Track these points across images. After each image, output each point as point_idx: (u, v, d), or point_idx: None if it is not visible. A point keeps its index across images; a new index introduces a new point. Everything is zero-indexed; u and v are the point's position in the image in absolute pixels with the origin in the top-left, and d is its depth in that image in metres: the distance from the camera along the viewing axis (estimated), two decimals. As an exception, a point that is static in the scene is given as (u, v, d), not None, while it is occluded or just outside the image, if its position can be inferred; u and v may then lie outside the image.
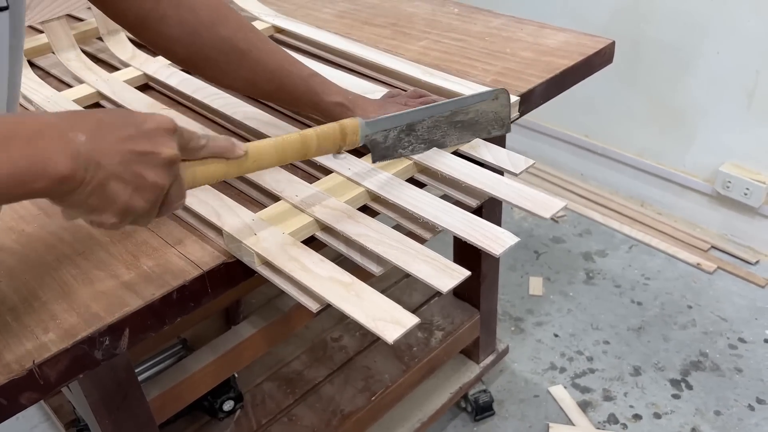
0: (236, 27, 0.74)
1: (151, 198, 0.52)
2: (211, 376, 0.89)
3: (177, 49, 0.73)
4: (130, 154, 0.50)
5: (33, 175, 0.45)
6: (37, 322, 0.60)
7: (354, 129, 0.70)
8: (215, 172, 0.59)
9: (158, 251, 0.68)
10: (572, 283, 1.72)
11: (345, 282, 0.62)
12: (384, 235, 0.67)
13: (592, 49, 1.02)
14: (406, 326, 0.58)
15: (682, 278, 1.72)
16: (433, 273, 0.62)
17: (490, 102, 0.79)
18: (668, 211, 1.93)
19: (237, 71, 0.75)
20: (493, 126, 0.81)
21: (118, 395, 0.76)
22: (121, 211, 0.51)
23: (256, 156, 0.61)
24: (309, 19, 1.19)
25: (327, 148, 0.68)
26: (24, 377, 0.56)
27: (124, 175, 0.50)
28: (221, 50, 0.73)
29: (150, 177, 0.51)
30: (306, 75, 0.78)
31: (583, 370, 1.49)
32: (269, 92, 0.79)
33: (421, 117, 0.76)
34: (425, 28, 1.13)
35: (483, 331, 1.33)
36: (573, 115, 2.02)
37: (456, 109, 0.77)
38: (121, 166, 0.49)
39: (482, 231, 0.67)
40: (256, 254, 0.65)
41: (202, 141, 0.57)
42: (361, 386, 1.18)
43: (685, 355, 1.51)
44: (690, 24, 1.66)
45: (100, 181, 0.49)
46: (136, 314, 0.61)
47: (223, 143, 0.59)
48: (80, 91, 0.97)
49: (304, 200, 0.71)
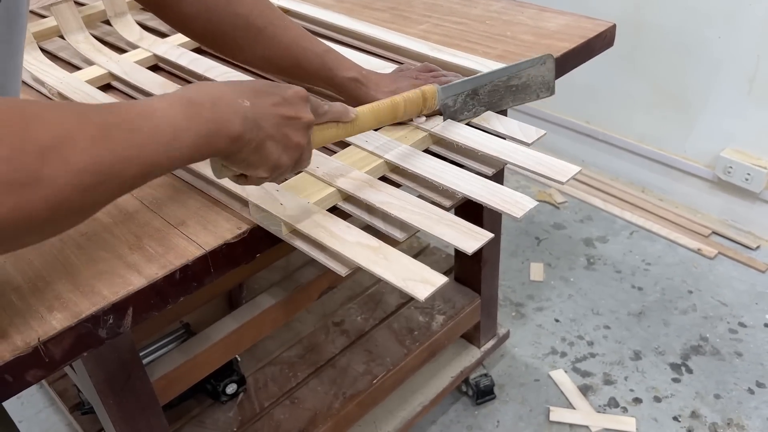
0: (252, 4, 0.76)
1: (295, 156, 0.59)
2: (214, 358, 0.90)
3: (194, 26, 0.76)
4: (280, 118, 0.57)
5: (215, 136, 0.52)
6: (41, 302, 0.61)
7: (432, 94, 0.77)
8: (331, 134, 0.66)
9: (161, 232, 0.69)
10: (573, 268, 1.73)
11: (373, 246, 0.64)
12: (406, 201, 0.68)
13: (592, 32, 1.02)
14: (436, 285, 0.59)
15: (682, 263, 1.72)
16: (457, 235, 0.64)
17: (539, 67, 0.85)
18: (669, 197, 1.93)
19: (253, 47, 0.78)
20: (540, 89, 0.87)
21: (122, 376, 0.77)
22: (272, 167, 0.58)
23: (360, 120, 0.68)
24: (310, 2, 1.18)
25: (412, 111, 0.76)
26: (29, 354, 0.56)
27: (277, 135, 0.56)
28: (237, 26, 0.76)
29: (295, 138, 0.58)
30: (321, 51, 0.80)
31: (584, 355, 1.50)
32: (285, 68, 0.81)
33: (483, 82, 0.82)
34: (425, 12, 1.13)
35: (484, 315, 1.34)
36: (574, 101, 2.02)
37: (512, 74, 0.84)
38: (275, 128, 0.56)
39: (501, 196, 0.68)
40: (283, 222, 0.66)
41: (326, 107, 0.64)
42: (363, 369, 1.19)
43: (686, 339, 1.52)
44: (691, 9, 1.65)
45: (260, 140, 0.55)
46: (139, 293, 0.62)
47: (339, 108, 0.65)
48: (92, 72, 0.97)
49: (326, 172, 0.73)
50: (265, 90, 0.57)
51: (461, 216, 0.66)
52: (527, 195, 2.12)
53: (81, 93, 0.91)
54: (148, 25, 1.13)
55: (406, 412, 1.25)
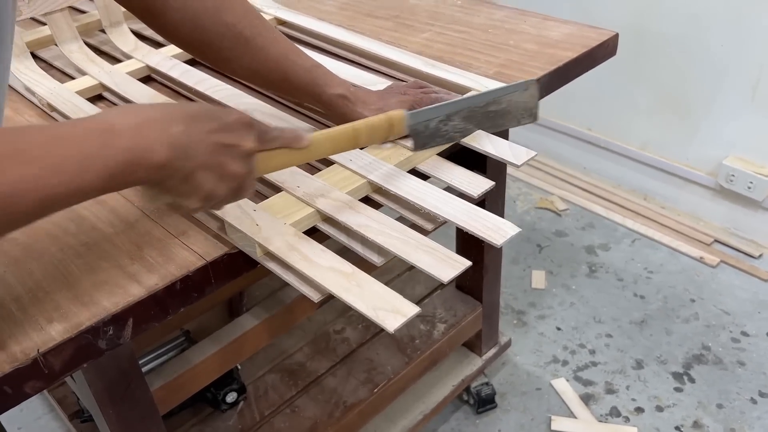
0: (241, 14, 0.74)
1: (232, 186, 0.56)
2: (214, 367, 0.89)
3: (180, 34, 0.74)
4: (216, 146, 0.54)
5: (134, 165, 0.49)
6: (41, 312, 0.61)
7: (400, 120, 0.73)
8: (281, 161, 0.63)
9: (162, 242, 0.68)
10: (575, 276, 1.73)
11: (346, 272, 0.63)
12: (385, 225, 0.67)
13: (595, 41, 1.02)
14: (407, 315, 0.58)
15: (685, 272, 1.72)
16: (434, 263, 0.62)
17: (521, 93, 0.81)
18: (671, 205, 1.93)
19: (241, 58, 0.75)
20: (522, 115, 0.84)
21: (121, 385, 0.77)
22: (205, 197, 0.55)
23: (315, 146, 0.65)
24: (311, 11, 1.18)
25: (375, 138, 0.73)
26: (28, 366, 0.56)
27: (211, 164, 0.54)
28: (225, 36, 0.74)
29: (232, 167, 0.55)
30: (309, 66, 0.78)
31: (586, 363, 1.49)
32: (272, 81, 0.79)
33: (458, 108, 0.78)
34: (428, 20, 1.13)
35: (485, 323, 1.33)
36: (575, 108, 2.02)
37: (490, 100, 0.80)
38: (209, 156, 0.53)
39: (483, 221, 0.67)
40: (257, 244, 0.65)
41: (274, 133, 0.61)
42: (364, 378, 1.19)
43: (688, 348, 1.51)
44: (694, 16, 1.65)
45: (191, 169, 0.53)
46: (139, 304, 0.62)
47: (291, 135, 0.62)
48: (83, 83, 0.97)
49: (306, 191, 0.72)
50: (202, 115, 0.54)
51: None
52: (528, 202, 2.10)
53: (70, 104, 0.90)
54: (145, 34, 1.13)
55: (407, 421, 1.25)
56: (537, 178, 2.09)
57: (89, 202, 0.52)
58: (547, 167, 2.12)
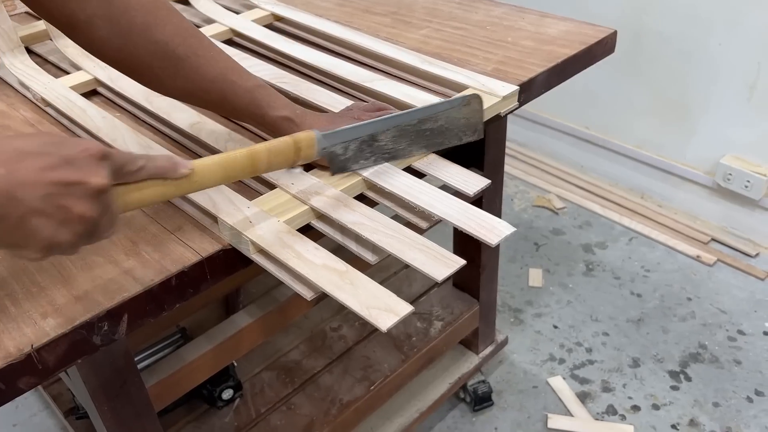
0: (174, 31, 0.68)
1: (79, 230, 0.49)
2: (209, 364, 0.89)
3: (107, 51, 0.68)
4: (54, 186, 0.47)
5: None
6: (35, 308, 0.60)
7: (309, 142, 0.67)
8: (152, 194, 0.56)
9: (157, 238, 0.68)
10: (572, 274, 1.72)
11: (339, 270, 0.62)
12: (379, 223, 0.67)
13: (593, 38, 1.01)
14: (400, 314, 0.58)
15: (681, 270, 1.72)
16: (428, 261, 0.62)
17: (460, 108, 0.76)
18: (668, 203, 1.93)
19: (173, 79, 0.70)
20: (464, 132, 0.78)
21: (116, 382, 0.76)
22: (45, 246, 0.48)
23: (199, 175, 0.59)
24: (309, 7, 1.18)
25: (279, 163, 0.66)
26: (22, 362, 0.56)
27: (47, 208, 0.47)
28: (155, 55, 0.67)
29: (76, 209, 0.48)
30: (251, 86, 0.72)
31: (582, 362, 1.49)
32: (209, 102, 0.73)
33: (384, 127, 0.71)
34: (426, 17, 1.13)
35: (482, 321, 1.33)
36: (573, 106, 2.02)
37: (423, 117, 0.73)
38: (44, 199, 0.46)
39: (478, 220, 0.66)
40: (251, 242, 0.65)
41: (140, 162, 0.54)
42: (360, 376, 1.19)
43: (684, 346, 1.51)
44: (692, 15, 1.65)
45: (19, 216, 0.46)
46: (134, 300, 0.61)
47: (164, 163, 0.56)
48: (78, 78, 0.97)
49: (300, 189, 0.71)
50: (33, 150, 0.47)
51: None
52: (526, 200, 2.09)
53: (64, 99, 0.90)
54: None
55: (403, 419, 1.24)
56: (534, 176, 2.09)
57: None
58: (545, 165, 2.12)
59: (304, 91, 0.89)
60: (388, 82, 0.91)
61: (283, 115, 0.73)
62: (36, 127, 0.88)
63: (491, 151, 1.11)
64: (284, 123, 0.73)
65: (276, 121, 0.73)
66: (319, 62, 0.97)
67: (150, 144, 0.81)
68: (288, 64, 1.01)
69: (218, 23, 1.11)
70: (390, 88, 0.89)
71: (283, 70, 0.97)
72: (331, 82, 0.95)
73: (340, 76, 0.93)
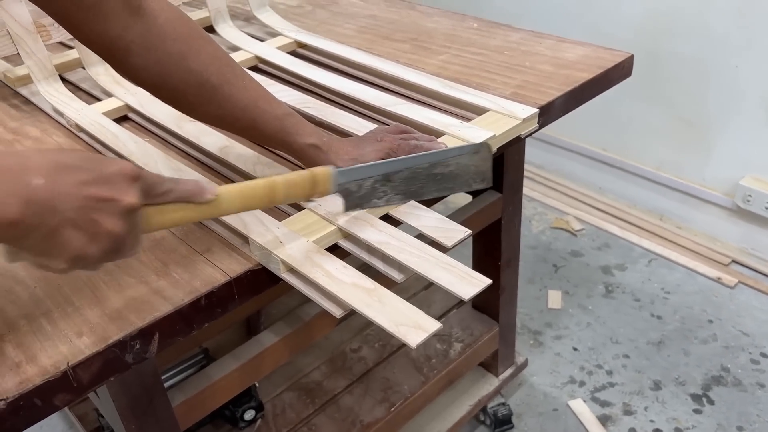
0: (208, 60, 0.70)
1: (106, 246, 0.50)
2: (235, 383, 0.90)
3: (144, 78, 0.70)
4: (88, 200, 0.48)
5: None
6: (70, 326, 0.62)
7: (325, 178, 0.67)
8: (179, 216, 0.58)
9: (187, 258, 0.70)
10: (591, 296, 1.72)
11: (368, 288, 0.64)
12: (405, 243, 0.68)
13: (610, 62, 1.03)
14: (429, 331, 0.59)
15: (702, 292, 1.71)
16: (454, 280, 0.63)
17: (470, 156, 0.76)
18: (688, 225, 1.92)
19: (207, 106, 0.72)
20: (473, 179, 0.78)
21: (144, 400, 0.78)
22: (73, 258, 0.49)
23: (221, 201, 0.60)
24: (331, 35, 1.21)
25: (296, 195, 0.67)
26: (58, 379, 0.57)
27: (80, 221, 0.48)
28: (189, 83, 0.70)
29: (107, 225, 0.49)
30: (280, 114, 0.74)
31: (603, 384, 1.49)
32: (240, 129, 0.75)
33: (397, 168, 0.72)
34: (445, 43, 1.15)
35: (502, 343, 1.33)
36: (590, 128, 2.02)
37: (435, 162, 0.74)
38: (78, 211, 0.48)
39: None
40: (281, 261, 0.67)
41: (168, 185, 0.56)
42: (380, 397, 1.19)
43: (706, 369, 1.50)
44: (708, 37, 1.66)
45: (54, 226, 0.47)
46: (165, 319, 0.63)
47: (191, 187, 0.57)
48: (109, 104, 1.00)
49: (328, 209, 0.73)
50: (73, 165, 0.49)
51: (479, 241, 0.65)
52: (544, 221, 2.09)
53: (97, 125, 0.93)
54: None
55: (423, 441, 1.24)
56: (552, 197, 2.09)
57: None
58: (562, 187, 2.12)
59: (328, 116, 0.92)
60: (410, 106, 0.93)
61: (311, 142, 0.75)
62: (68, 152, 0.91)
63: (510, 172, 1.12)
64: (311, 150, 0.75)
65: (303, 148, 0.75)
66: (342, 87, 0.99)
67: (180, 167, 0.84)
68: (312, 89, 1.04)
69: (244, 50, 1.14)
70: (412, 111, 0.91)
71: (307, 95, 0.99)
72: (354, 106, 0.98)
73: (364, 101, 0.96)
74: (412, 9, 1.32)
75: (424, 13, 1.29)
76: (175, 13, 0.70)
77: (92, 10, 0.64)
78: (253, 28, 1.26)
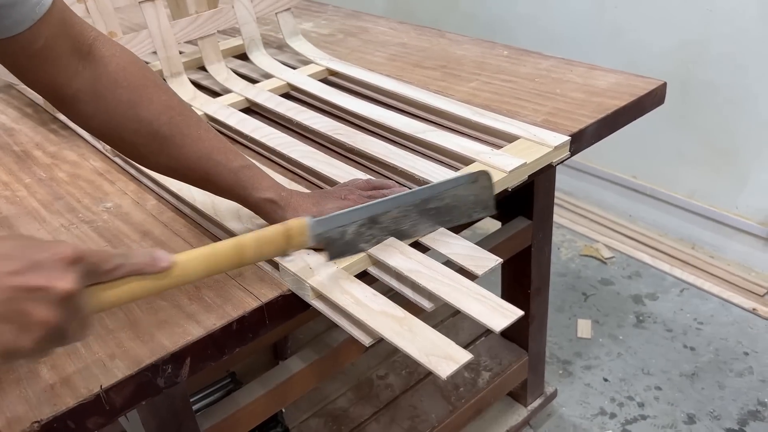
0: (160, 109, 0.68)
1: (40, 336, 0.47)
2: (262, 408, 0.90)
3: (94, 126, 0.68)
4: (15, 290, 0.46)
5: None
6: (104, 349, 0.63)
7: (301, 230, 0.64)
8: (130, 291, 0.54)
9: (219, 283, 0.70)
10: (622, 326, 1.69)
11: (398, 316, 0.63)
12: (435, 271, 0.68)
13: (643, 90, 1.02)
14: (460, 362, 0.58)
15: (737, 323, 1.66)
16: (486, 311, 0.62)
17: (468, 185, 0.73)
18: (720, 254, 1.88)
19: (158, 157, 0.70)
20: (474, 209, 0.75)
21: (173, 424, 0.78)
22: (4, 351, 0.47)
23: (181, 269, 0.57)
24: (362, 62, 1.22)
25: (270, 252, 0.64)
26: (92, 402, 0.58)
27: (7, 313, 0.46)
28: (140, 133, 0.68)
29: (38, 315, 0.47)
30: (236, 167, 0.71)
31: (635, 417, 1.45)
32: (194, 181, 0.73)
33: (383, 209, 0.69)
34: (475, 70, 1.16)
35: (531, 373, 1.31)
36: (620, 155, 2.01)
37: (427, 197, 0.71)
38: (5, 304, 0.46)
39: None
40: (310, 287, 0.67)
41: (117, 260, 0.53)
42: (407, 426, 1.17)
43: (742, 403, 1.46)
44: (740, 64, 1.64)
45: None
46: (197, 343, 0.63)
47: (142, 259, 0.54)
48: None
49: None
50: (3, 254, 0.47)
51: (509, 268, 0.65)
52: (573, 249, 2.05)
53: None
54: (202, 84, 1.19)
55: (450, 471, 1.22)
56: (581, 225, 2.07)
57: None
58: (592, 214, 2.10)
59: (359, 143, 0.92)
60: (440, 134, 0.93)
61: (267, 197, 0.72)
62: (104, 176, 0.93)
63: (540, 199, 1.11)
64: (267, 205, 0.72)
65: (259, 203, 0.72)
66: (372, 114, 1.00)
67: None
68: (343, 116, 1.05)
69: (276, 78, 1.16)
70: (442, 139, 0.91)
71: (338, 122, 1.00)
72: (385, 133, 0.98)
73: (394, 128, 0.96)
74: (442, 36, 1.33)
75: (453, 41, 1.30)
76: (127, 59, 0.68)
77: (39, 56, 0.62)
78: (286, 56, 1.28)
